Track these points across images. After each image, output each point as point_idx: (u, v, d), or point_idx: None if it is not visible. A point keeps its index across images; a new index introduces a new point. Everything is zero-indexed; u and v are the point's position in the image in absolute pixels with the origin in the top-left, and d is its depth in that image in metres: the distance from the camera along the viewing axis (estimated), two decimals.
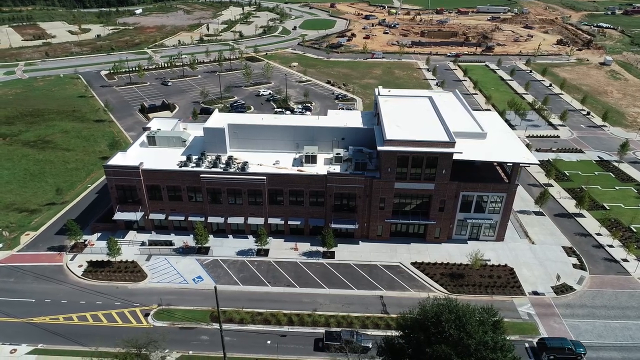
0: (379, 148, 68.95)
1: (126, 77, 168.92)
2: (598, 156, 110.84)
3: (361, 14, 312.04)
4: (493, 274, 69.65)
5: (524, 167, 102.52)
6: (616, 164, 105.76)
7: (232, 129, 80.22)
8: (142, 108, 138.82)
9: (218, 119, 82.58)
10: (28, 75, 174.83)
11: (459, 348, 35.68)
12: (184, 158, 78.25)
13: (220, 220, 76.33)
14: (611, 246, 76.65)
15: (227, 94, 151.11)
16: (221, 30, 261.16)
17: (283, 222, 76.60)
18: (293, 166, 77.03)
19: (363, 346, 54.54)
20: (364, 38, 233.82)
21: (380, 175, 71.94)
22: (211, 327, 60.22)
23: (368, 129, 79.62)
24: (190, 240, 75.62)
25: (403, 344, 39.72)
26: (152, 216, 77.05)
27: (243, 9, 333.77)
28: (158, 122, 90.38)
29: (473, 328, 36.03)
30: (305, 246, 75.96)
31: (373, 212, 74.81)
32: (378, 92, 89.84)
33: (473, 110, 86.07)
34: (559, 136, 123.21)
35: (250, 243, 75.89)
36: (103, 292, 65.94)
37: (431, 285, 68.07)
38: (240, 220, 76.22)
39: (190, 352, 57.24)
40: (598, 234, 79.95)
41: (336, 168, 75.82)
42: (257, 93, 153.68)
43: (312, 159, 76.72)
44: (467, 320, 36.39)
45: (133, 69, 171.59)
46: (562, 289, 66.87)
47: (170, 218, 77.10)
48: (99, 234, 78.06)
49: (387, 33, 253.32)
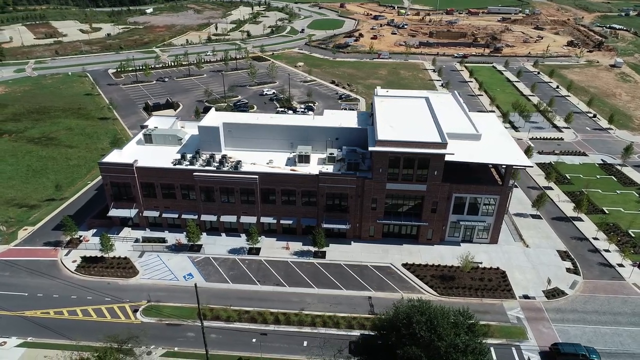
0: (370, 148, 68.76)
1: (132, 76, 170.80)
2: (602, 159, 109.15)
3: (370, 15, 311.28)
4: (484, 277, 68.98)
5: (525, 170, 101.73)
6: (619, 168, 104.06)
7: (227, 128, 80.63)
8: (146, 106, 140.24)
9: (213, 118, 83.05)
10: (37, 73, 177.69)
11: (430, 350, 35.44)
12: (179, 156, 78.82)
13: (213, 218, 76.79)
14: (607, 251, 75.44)
15: (231, 93, 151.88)
16: (229, 29, 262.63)
17: (275, 221, 76.78)
18: (286, 165, 77.15)
19: None
20: (372, 38, 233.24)
21: (372, 175, 71.72)
22: (197, 324, 60.50)
23: (362, 129, 79.44)
24: (183, 237, 76.20)
25: (378, 344, 39.54)
26: (147, 213, 77.80)
27: (252, 9, 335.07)
28: (156, 120, 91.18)
29: (444, 330, 35.75)
30: (297, 245, 76.06)
31: (365, 213, 74.62)
32: (376, 93, 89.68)
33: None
34: (563, 139, 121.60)
35: (242, 241, 76.18)
36: (94, 288, 66.77)
37: (421, 287, 67.65)
38: (232, 218, 76.60)
39: (175, 349, 57.72)
40: (595, 238, 78.75)
41: (329, 168, 75.76)
42: (261, 92, 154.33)
43: (306, 159, 76.75)
44: (439, 322, 36.12)
45: (139, 68, 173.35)
46: (554, 293, 65.99)
47: (164, 215, 77.74)
48: (95, 230, 79.03)
49: (395, 33, 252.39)
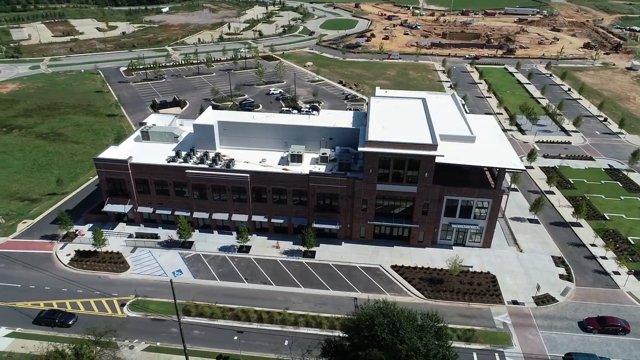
0: (360, 148, 68.48)
1: (143, 74, 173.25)
2: (608, 164, 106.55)
3: (384, 15, 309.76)
4: (474, 281, 68.01)
5: (527, 174, 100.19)
6: (626, 173, 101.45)
7: (222, 126, 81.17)
8: (154, 104, 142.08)
9: (209, 116, 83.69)
10: (51, 70, 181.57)
11: (391, 353, 35.07)
12: (174, 154, 79.62)
13: (205, 215, 77.38)
14: (604, 258, 73.62)
15: (238, 92, 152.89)
16: (242, 29, 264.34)
17: (267, 220, 77.01)
18: (279, 165, 77.29)
19: None
20: (383, 39, 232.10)
21: (362, 176, 71.34)
22: (183, 319, 60.97)
23: (356, 130, 79.08)
24: (175, 234, 76.96)
25: (344, 345, 39.34)
26: (141, 209, 78.84)
27: (267, 8, 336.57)
28: (155, 118, 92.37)
29: (407, 333, 35.32)
30: (287, 245, 76.18)
31: (356, 213, 74.30)
32: (375, 93, 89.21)
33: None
34: (570, 142, 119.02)
35: (233, 239, 76.60)
36: (85, 281, 67.96)
37: (408, 289, 67.07)
38: (224, 216, 77.08)
39: (158, 344, 58.40)
40: (593, 245, 76.93)
41: (321, 168, 75.64)
42: (268, 92, 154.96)
43: (298, 158, 76.78)
44: (401, 325, 35.69)
45: (150, 66, 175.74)
46: (544, 300, 64.69)
47: (157, 212, 78.69)
48: (91, 225, 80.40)
49: (408, 34, 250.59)
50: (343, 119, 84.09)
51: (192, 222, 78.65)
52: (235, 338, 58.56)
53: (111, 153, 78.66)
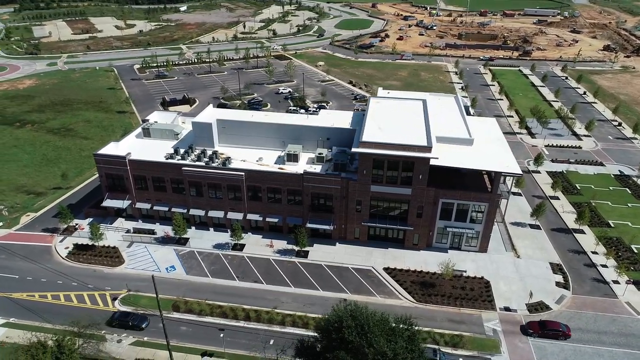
0: (353, 149, 68.05)
1: (155, 71, 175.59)
2: (619, 170, 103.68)
3: (401, 15, 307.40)
4: (466, 286, 66.92)
5: (533, 178, 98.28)
6: (636, 179, 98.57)
7: (221, 125, 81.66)
8: (163, 101, 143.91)
9: (208, 114, 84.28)
10: (67, 67, 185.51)
11: (358, 356, 34.70)
12: (173, 151, 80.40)
13: (201, 213, 77.98)
14: (605, 266, 71.62)
15: (247, 91, 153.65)
16: (257, 28, 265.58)
17: (262, 219, 77.17)
18: (275, 164, 77.39)
19: None
20: (397, 39, 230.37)
21: (357, 177, 70.89)
22: (170, 315, 61.74)
23: (353, 130, 78.61)
24: (171, 230, 77.58)
25: (316, 346, 39.11)
26: (139, 205, 79.88)
27: (283, 8, 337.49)
28: (158, 115, 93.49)
29: (375, 337, 34.88)
30: (281, 244, 76.22)
31: (350, 214, 73.88)
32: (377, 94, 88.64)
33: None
34: (581, 147, 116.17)
35: (228, 237, 76.87)
36: (81, 274, 69.24)
37: (399, 292, 66.39)
38: (220, 214, 77.51)
39: (145, 338, 59.07)
40: (594, 252, 74.93)
41: (317, 168, 75.46)
42: (277, 91, 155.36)
43: (294, 158, 76.74)
44: (370, 328, 35.27)
45: (162, 64, 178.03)
46: (537, 307, 63.25)
47: (155, 208, 79.58)
48: (91, 219, 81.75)
49: (423, 34, 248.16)
50: (342, 119, 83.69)
51: (189, 219, 79.37)
52: (221, 335, 58.84)
53: (111, 149, 79.86)
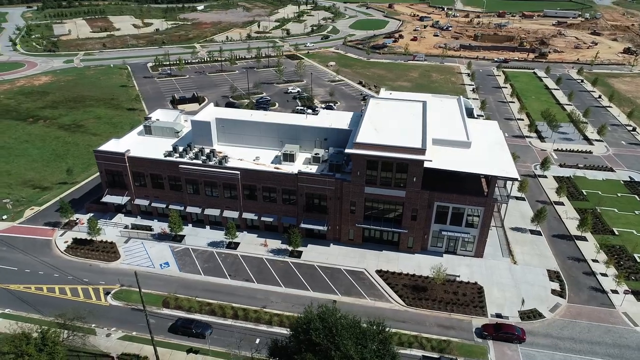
0: (347, 150, 67.68)
1: (165, 70, 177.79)
2: (629, 176, 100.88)
3: (417, 16, 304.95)
4: (459, 291, 65.93)
5: (538, 182, 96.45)
6: None
7: (220, 123, 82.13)
8: (173, 99, 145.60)
9: (208, 113, 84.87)
10: (83, 64, 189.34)
11: (325, 359, 34.45)
12: (172, 148, 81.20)
13: (198, 210, 78.59)
14: (604, 275, 69.71)
15: (256, 90, 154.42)
16: (272, 28, 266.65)
17: (257, 218, 77.37)
18: (272, 163, 77.48)
19: None
20: (411, 40, 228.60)
21: (351, 178, 70.49)
22: (160, 311, 62.44)
23: (349, 131, 78.17)
24: (167, 227, 78.48)
25: (288, 347, 39.00)
26: (138, 201, 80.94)
27: (298, 8, 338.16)
28: (161, 113, 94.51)
29: (343, 340, 34.57)
30: (276, 243, 76.29)
31: (344, 215, 73.51)
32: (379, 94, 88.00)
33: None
34: (592, 152, 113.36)
35: (223, 235, 77.30)
36: (77, 268, 70.54)
37: (389, 295, 65.77)
38: (216, 212, 77.99)
39: (134, 333, 59.77)
40: (594, 260, 73.01)
41: (313, 168, 75.29)
42: (286, 90, 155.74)
43: (290, 157, 76.70)
44: (338, 331, 34.98)
45: (175, 62, 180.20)
46: (530, 315, 61.93)
47: (153, 205, 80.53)
48: (92, 214, 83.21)
49: (437, 35, 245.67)
50: (341, 120, 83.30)
51: (186, 217, 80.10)
52: (209, 332, 59.22)
53: (112, 146, 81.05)
